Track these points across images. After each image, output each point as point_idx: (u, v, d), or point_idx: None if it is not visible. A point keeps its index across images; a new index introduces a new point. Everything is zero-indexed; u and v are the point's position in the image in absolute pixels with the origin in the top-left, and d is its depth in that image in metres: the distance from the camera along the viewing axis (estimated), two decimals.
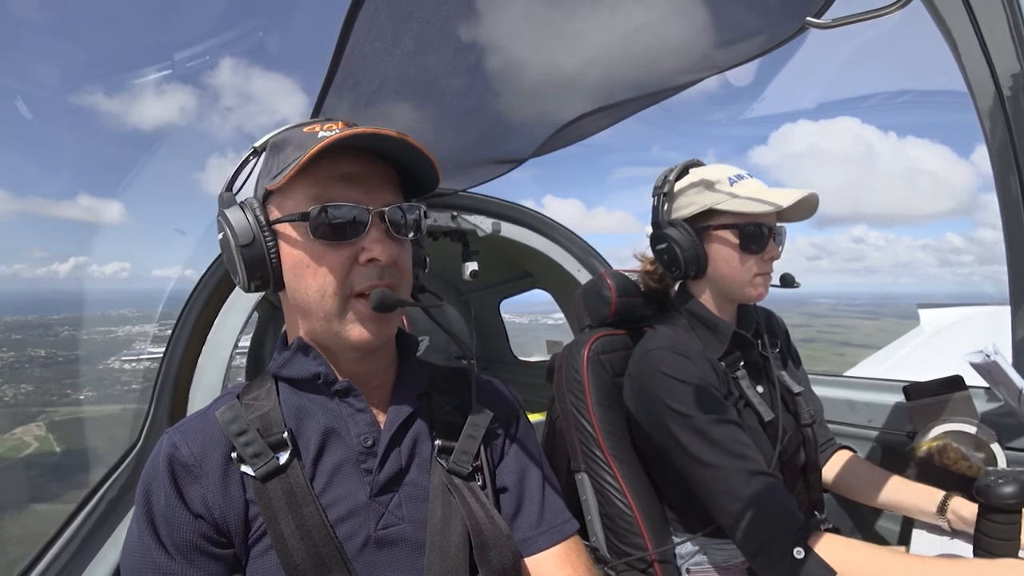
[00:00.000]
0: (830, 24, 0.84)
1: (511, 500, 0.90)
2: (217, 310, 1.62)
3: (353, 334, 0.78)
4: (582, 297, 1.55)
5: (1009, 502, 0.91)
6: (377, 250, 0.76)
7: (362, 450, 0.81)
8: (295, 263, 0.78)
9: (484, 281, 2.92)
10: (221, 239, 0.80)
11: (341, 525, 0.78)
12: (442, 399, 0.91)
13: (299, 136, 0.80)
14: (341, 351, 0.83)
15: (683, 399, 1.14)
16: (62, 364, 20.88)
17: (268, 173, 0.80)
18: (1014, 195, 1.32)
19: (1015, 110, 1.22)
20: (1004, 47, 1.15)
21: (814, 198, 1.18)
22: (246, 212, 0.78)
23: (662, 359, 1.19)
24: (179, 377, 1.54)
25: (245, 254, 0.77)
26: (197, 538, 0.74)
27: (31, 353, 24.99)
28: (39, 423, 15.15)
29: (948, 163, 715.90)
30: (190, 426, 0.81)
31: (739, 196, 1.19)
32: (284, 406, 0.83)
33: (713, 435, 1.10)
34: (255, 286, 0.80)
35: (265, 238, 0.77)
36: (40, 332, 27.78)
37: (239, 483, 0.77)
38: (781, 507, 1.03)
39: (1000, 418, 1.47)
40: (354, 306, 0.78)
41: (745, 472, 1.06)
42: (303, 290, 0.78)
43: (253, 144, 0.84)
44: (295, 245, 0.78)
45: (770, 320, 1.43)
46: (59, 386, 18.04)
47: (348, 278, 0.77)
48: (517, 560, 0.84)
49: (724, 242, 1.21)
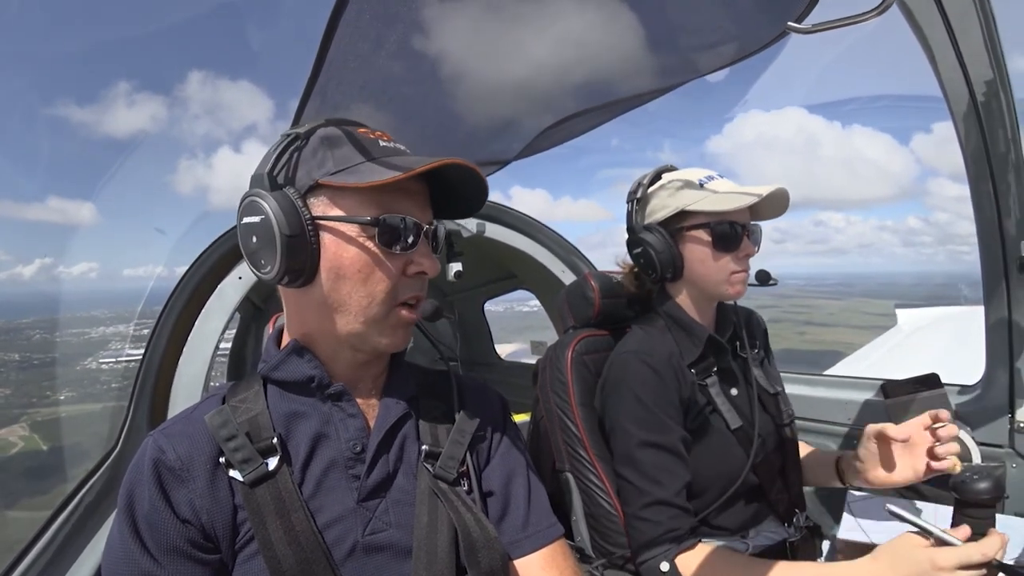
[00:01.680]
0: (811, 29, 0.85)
1: (497, 504, 0.91)
2: (197, 311, 1.59)
3: (387, 339, 0.81)
4: (566, 298, 1.56)
5: (984, 497, 0.93)
6: (427, 264, 0.80)
7: (351, 455, 0.81)
8: (343, 264, 0.77)
9: (468, 282, 2.91)
10: (256, 223, 0.76)
11: (328, 531, 0.77)
12: (429, 404, 0.91)
13: (358, 138, 0.80)
14: (353, 354, 0.84)
15: (629, 411, 1.20)
16: (38, 367, 20.70)
17: (320, 165, 0.78)
18: (987, 198, 1.35)
19: (988, 115, 1.25)
20: (978, 54, 1.18)
21: (783, 193, 1.20)
22: (294, 200, 0.75)
23: (625, 365, 1.24)
24: (159, 379, 1.51)
25: (289, 244, 0.74)
26: (182, 542, 0.73)
27: (4, 357, 24.66)
28: (22, 424, 15.17)
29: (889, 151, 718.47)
30: (175, 429, 0.80)
31: (709, 195, 1.21)
32: (273, 409, 0.82)
33: (638, 457, 1.17)
34: (287, 279, 0.77)
35: (309, 231, 0.75)
36: (11, 336, 27.42)
37: (227, 488, 0.76)
38: (664, 528, 1.11)
39: (974, 415, 1.51)
40: (397, 314, 0.80)
41: (650, 496, 1.14)
42: (346, 292, 0.78)
43: (294, 128, 0.81)
44: (347, 246, 0.77)
45: (750, 320, 1.44)
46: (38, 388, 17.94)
47: (396, 287, 0.79)
48: (506, 562, 0.84)
49: (698, 242, 1.23)
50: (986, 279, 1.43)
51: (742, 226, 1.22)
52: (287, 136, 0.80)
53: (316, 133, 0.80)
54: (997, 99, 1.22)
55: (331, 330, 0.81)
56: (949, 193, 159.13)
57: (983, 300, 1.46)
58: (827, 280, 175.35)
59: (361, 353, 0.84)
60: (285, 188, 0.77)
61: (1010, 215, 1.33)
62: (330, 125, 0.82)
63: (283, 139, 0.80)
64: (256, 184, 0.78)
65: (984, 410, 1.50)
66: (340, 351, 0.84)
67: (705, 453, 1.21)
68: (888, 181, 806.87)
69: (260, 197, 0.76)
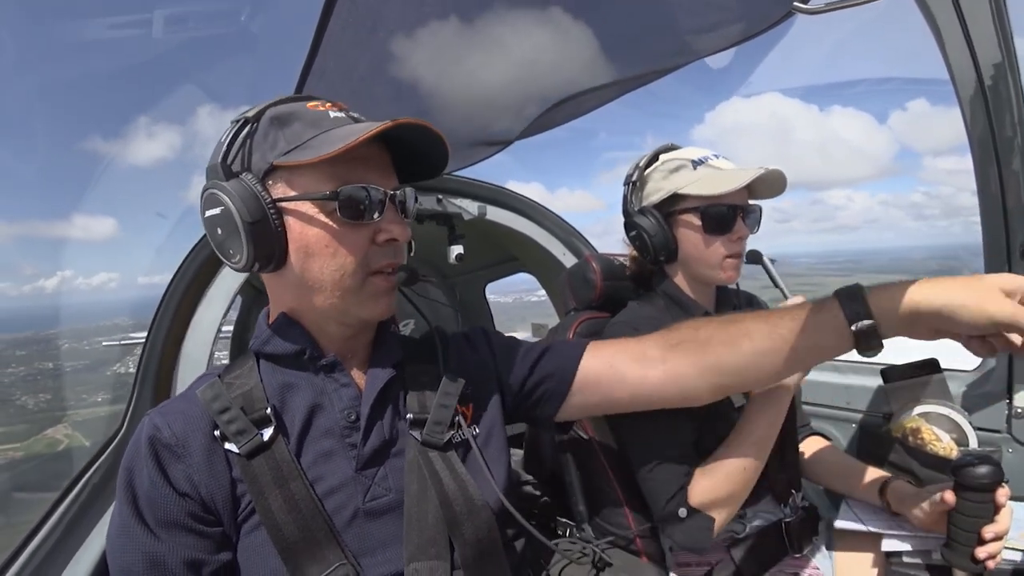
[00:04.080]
0: (817, 10, 0.84)
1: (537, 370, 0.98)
2: (199, 295, 1.59)
3: (367, 309, 0.81)
4: (568, 280, 1.55)
5: (983, 482, 0.93)
6: (396, 231, 0.80)
7: (346, 424, 0.82)
8: (309, 242, 0.77)
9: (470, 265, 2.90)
10: (217, 215, 0.76)
11: (329, 499, 0.78)
12: (415, 369, 0.92)
13: (307, 113, 0.79)
14: (339, 328, 0.84)
15: None
16: (71, 373, 21.76)
17: (272, 147, 0.77)
18: (993, 182, 1.34)
19: (995, 99, 1.23)
20: (987, 36, 1.16)
21: (777, 173, 1.19)
22: (249, 186, 0.75)
23: (611, 333, 1.25)
24: (162, 363, 1.52)
25: (253, 231, 0.74)
26: (183, 516, 0.74)
27: (40, 366, 26.36)
28: (64, 424, 16.07)
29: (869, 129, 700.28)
30: (171, 407, 0.81)
31: (701, 178, 1.20)
32: (267, 383, 0.83)
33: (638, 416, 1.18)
34: (257, 266, 0.77)
35: (272, 215, 0.75)
36: (42, 347, 28.83)
37: (224, 461, 0.77)
38: (666, 483, 1.12)
39: (972, 400, 1.51)
40: (373, 283, 0.80)
41: (657, 458, 1.14)
42: (317, 269, 0.78)
43: (243, 114, 0.80)
44: (310, 223, 0.77)
45: (751, 303, 1.45)
46: (74, 392, 18.80)
47: (367, 257, 0.79)
48: (492, 528, 0.85)
49: (689, 225, 1.23)
50: (989, 264, 1.43)
51: (737, 208, 1.21)
52: (236, 122, 0.79)
53: (265, 115, 0.80)
54: (1005, 82, 1.21)
55: (312, 307, 0.82)
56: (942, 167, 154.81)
57: None
58: (837, 257, 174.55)
59: (347, 327, 0.85)
60: (242, 175, 0.76)
61: (1016, 199, 1.32)
62: (278, 104, 0.81)
63: (233, 126, 0.79)
64: (212, 175, 0.77)
65: (982, 395, 1.50)
66: (326, 325, 0.84)
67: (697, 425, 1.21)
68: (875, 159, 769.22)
69: (217, 188, 0.75)
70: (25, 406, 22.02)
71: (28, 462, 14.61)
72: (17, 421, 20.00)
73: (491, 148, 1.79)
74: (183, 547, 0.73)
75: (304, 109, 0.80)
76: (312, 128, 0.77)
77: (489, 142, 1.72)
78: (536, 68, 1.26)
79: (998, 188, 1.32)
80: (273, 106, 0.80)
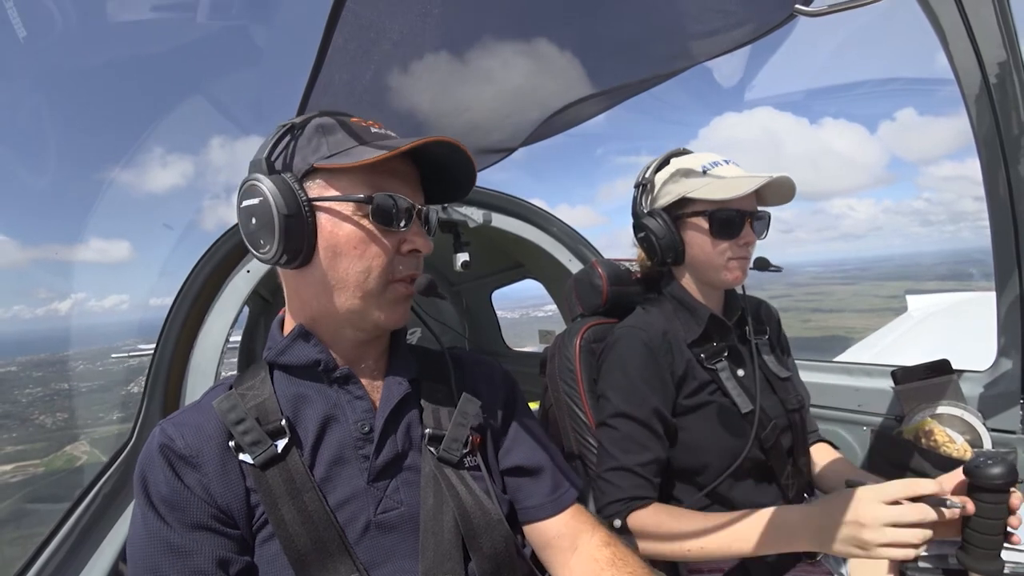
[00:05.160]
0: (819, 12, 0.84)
1: (526, 474, 0.96)
2: (207, 304, 1.61)
3: (384, 315, 0.83)
4: (574, 286, 1.56)
5: (997, 482, 0.92)
6: (420, 242, 0.84)
7: (359, 436, 0.82)
8: (339, 241, 0.79)
9: (475, 272, 2.91)
10: (255, 205, 0.79)
11: (341, 510, 0.79)
12: (431, 386, 0.92)
13: (351, 125, 0.83)
14: (354, 333, 0.85)
15: (615, 381, 1.24)
16: (86, 394, 22.60)
17: (315, 151, 0.80)
18: (1000, 181, 1.33)
19: (1001, 97, 1.23)
20: (991, 34, 1.15)
21: (785, 180, 1.20)
22: (291, 182, 0.78)
23: (619, 339, 1.28)
24: (171, 372, 1.53)
25: (288, 224, 0.77)
26: (205, 517, 0.74)
27: (56, 387, 27.49)
28: (82, 442, 16.69)
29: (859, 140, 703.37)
30: (183, 418, 0.81)
31: (710, 183, 1.22)
32: (280, 394, 0.83)
33: (613, 424, 1.21)
34: (285, 258, 0.79)
35: (306, 211, 0.78)
36: (58, 368, 29.87)
37: (238, 471, 0.78)
38: (625, 493, 1.16)
39: (985, 401, 1.49)
40: (395, 289, 0.83)
41: (616, 462, 1.18)
42: (344, 268, 0.80)
43: (291, 120, 0.84)
44: (343, 223, 0.79)
45: (759, 309, 1.44)
46: (90, 411, 19.46)
47: (392, 263, 0.82)
48: (509, 543, 0.86)
49: (697, 229, 1.25)
50: (998, 264, 1.41)
51: (744, 213, 1.22)
52: (283, 126, 0.83)
53: (311, 123, 0.83)
54: (1011, 81, 1.20)
55: (331, 309, 0.82)
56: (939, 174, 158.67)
57: (995, 286, 1.44)
58: (845, 265, 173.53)
59: (362, 332, 0.86)
60: (283, 173, 0.79)
61: None
62: (324, 115, 0.85)
63: (279, 129, 0.83)
64: (255, 169, 0.80)
65: (996, 396, 1.49)
66: (341, 331, 0.85)
67: (706, 428, 1.22)
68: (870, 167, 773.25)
69: (258, 180, 0.78)
70: (44, 425, 22.93)
71: (48, 477, 15.20)
72: (37, 439, 20.89)
73: (496, 155, 1.80)
74: (211, 546, 0.74)
75: (349, 122, 0.84)
76: (353, 138, 0.81)
77: (494, 149, 1.73)
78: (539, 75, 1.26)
79: (1006, 188, 1.31)
80: (319, 116, 0.84)
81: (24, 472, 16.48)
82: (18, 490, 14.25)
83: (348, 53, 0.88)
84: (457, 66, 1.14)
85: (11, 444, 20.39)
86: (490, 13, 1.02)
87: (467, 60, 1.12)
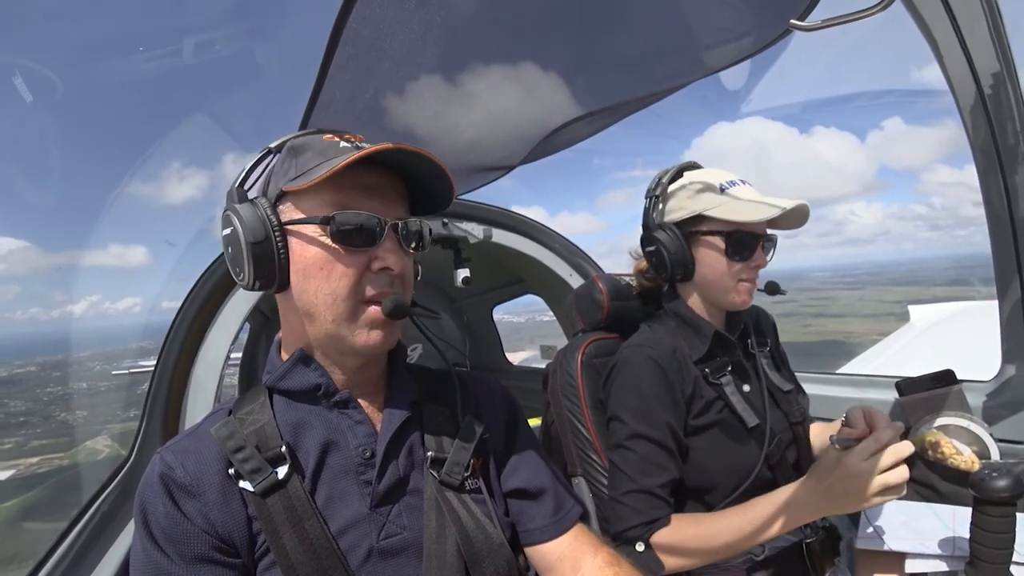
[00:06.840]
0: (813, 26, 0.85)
1: (528, 497, 0.95)
2: (208, 321, 1.60)
3: (360, 338, 0.80)
4: (575, 301, 1.55)
5: (1003, 495, 0.91)
6: (391, 260, 0.79)
7: (361, 461, 0.81)
8: (307, 264, 0.78)
9: (476, 287, 2.91)
10: (228, 235, 0.80)
11: (343, 537, 0.78)
12: (433, 408, 0.91)
13: (319, 143, 0.81)
14: (342, 358, 0.84)
15: (627, 403, 1.21)
16: (104, 392, 23.32)
17: (285, 174, 0.80)
18: (997, 192, 1.33)
19: (996, 108, 1.24)
20: (983, 46, 1.17)
21: (804, 208, 1.19)
22: (259, 209, 0.78)
23: (629, 359, 1.25)
24: (171, 389, 1.53)
25: (255, 251, 0.77)
26: (205, 549, 0.74)
27: (75, 387, 27.87)
28: (103, 436, 17.42)
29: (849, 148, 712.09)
30: (182, 446, 0.80)
31: (729, 202, 1.20)
32: (280, 419, 0.82)
33: (629, 446, 1.18)
34: (259, 284, 0.79)
35: (276, 237, 0.77)
36: (75, 368, 30.68)
37: (239, 499, 0.77)
38: (644, 516, 1.13)
39: (992, 411, 1.48)
40: (365, 311, 0.79)
41: (635, 484, 1.15)
42: (312, 291, 0.78)
43: (268, 144, 0.86)
44: (309, 246, 0.78)
45: (759, 319, 1.44)
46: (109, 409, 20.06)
47: (360, 283, 0.79)
48: (512, 567, 0.85)
49: (711, 247, 1.23)
50: (999, 273, 1.41)
51: (758, 236, 1.22)
52: (263, 150, 0.85)
53: (286, 145, 0.84)
54: (1005, 90, 1.21)
55: (314, 333, 0.82)
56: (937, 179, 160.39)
57: (997, 295, 1.44)
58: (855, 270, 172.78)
59: (349, 356, 0.84)
60: (258, 199, 0.80)
61: (1021, 208, 1.31)
62: (297, 136, 0.85)
63: (260, 153, 0.85)
64: (228, 200, 0.82)
65: (1003, 406, 1.47)
66: (334, 355, 0.84)
67: (715, 446, 1.20)
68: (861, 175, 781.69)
69: (230, 210, 0.79)
70: (65, 421, 23.78)
71: (72, 469, 16.15)
72: (60, 434, 21.74)
73: (495, 173, 1.81)
74: None
75: (318, 140, 0.82)
76: (319, 156, 0.79)
77: (494, 167, 1.74)
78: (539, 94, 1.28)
79: (1003, 197, 1.32)
80: (293, 138, 0.85)
81: (49, 464, 17.30)
82: (43, 480, 15.13)
83: (349, 71, 0.89)
84: (457, 84, 1.15)
85: (36, 439, 21.34)
86: (489, 34, 1.03)
87: (467, 79, 1.13)
